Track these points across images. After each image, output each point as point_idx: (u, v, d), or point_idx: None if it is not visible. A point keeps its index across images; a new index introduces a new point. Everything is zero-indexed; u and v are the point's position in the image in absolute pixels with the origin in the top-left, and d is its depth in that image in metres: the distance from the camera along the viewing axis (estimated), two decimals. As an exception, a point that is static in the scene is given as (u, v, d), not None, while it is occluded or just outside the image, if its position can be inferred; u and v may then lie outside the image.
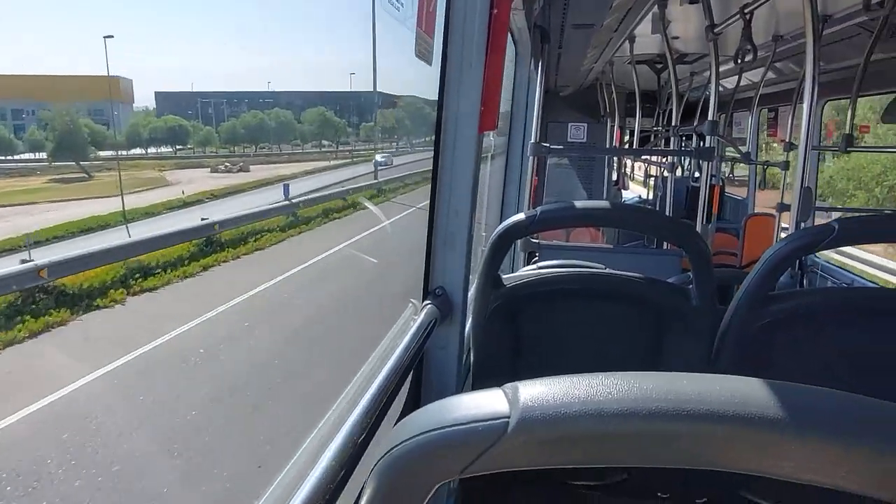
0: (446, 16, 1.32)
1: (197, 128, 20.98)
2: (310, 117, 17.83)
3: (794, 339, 1.26)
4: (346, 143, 17.58)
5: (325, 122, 17.14)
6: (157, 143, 21.53)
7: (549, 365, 1.39)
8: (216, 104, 21.37)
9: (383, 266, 12.16)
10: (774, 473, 0.34)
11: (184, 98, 22.27)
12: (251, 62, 25.97)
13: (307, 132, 18.06)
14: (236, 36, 19.10)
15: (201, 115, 21.34)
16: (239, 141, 20.91)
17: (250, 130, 20.33)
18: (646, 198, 6.97)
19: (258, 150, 21.29)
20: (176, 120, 20.42)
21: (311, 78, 24.49)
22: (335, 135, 17.11)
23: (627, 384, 0.37)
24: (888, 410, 0.35)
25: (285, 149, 20.21)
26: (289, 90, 19.04)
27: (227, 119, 20.91)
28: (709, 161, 2.86)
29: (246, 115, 20.63)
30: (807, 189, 2.28)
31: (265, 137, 21.02)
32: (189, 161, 20.90)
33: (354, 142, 17.99)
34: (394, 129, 16.92)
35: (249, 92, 21.41)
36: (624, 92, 5.77)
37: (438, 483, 0.39)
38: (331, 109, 17.05)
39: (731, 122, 5.58)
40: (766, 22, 3.03)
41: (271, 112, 20.37)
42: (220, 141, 21.01)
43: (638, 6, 2.64)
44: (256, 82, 19.82)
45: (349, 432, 0.86)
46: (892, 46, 2.64)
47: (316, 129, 17.94)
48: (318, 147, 18.26)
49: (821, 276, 3.67)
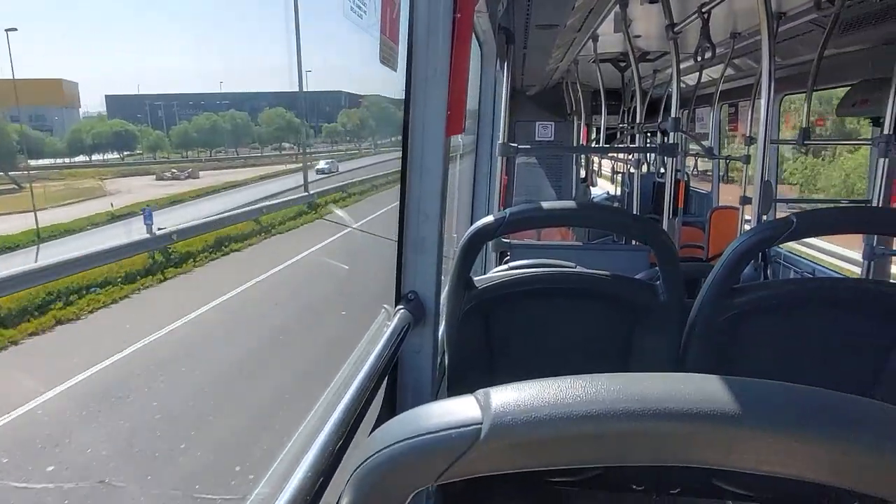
0: (410, 22, 1.35)
1: (146, 132, 20.19)
2: (268, 119, 16.93)
3: (758, 330, 1.33)
4: (308, 145, 16.54)
5: (285, 124, 16.24)
6: (103, 150, 20.59)
7: (523, 364, 1.44)
8: (166, 107, 20.62)
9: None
10: (739, 466, 0.36)
11: (137, 101, 21.32)
12: (205, 63, 24.64)
13: (266, 134, 17.08)
14: (190, 36, 18.28)
15: (151, 119, 20.60)
16: (192, 145, 20.19)
17: (203, 134, 19.55)
18: (614, 194, 7.18)
19: (213, 155, 20.22)
20: (122, 124, 19.55)
21: (267, 78, 23.77)
22: (296, 137, 16.17)
23: (595, 386, 0.38)
24: (838, 400, 0.37)
25: (242, 152, 19.24)
26: (246, 91, 17.94)
27: (178, 122, 20.18)
28: (673, 156, 2.98)
29: (199, 117, 19.87)
30: (766, 182, 2.40)
31: (220, 141, 20.02)
32: (134, 168, 19.83)
33: (317, 143, 16.93)
34: (358, 130, 16.20)
35: (205, 94, 20.00)
36: (589, 90, 5.94)
37: (415, 490, 0.41)
38: (291, 110, 16.17)
39: (694, 118, 5.83)
40: (724, 20, 3.19)
41: (226, 114, 19.24)
42: (172, 146, 20.28)
43: (600, 6, 2.74)
44: (210, 83, 18.97)
45: (325, 442, 0.87)
46: (844, 42, 2.82)
47: (274, 131, 17.05)
48: (278, 150, 17.15)
49: (783, 267, 3.87)
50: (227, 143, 18.66)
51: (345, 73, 24.28)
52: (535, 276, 1.46)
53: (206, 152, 19.43)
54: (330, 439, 0.88)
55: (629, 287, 1.41)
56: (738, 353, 1.35)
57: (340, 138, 15.94)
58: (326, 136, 15.98)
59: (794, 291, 1.38)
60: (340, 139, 15.98)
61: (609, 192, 7.77)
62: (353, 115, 15.44)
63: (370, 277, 9.34)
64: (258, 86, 18.50)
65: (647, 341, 1.40)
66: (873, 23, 2.54)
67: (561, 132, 6.66)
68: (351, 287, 10.75)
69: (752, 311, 1.32)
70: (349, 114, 15.55)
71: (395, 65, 1.37)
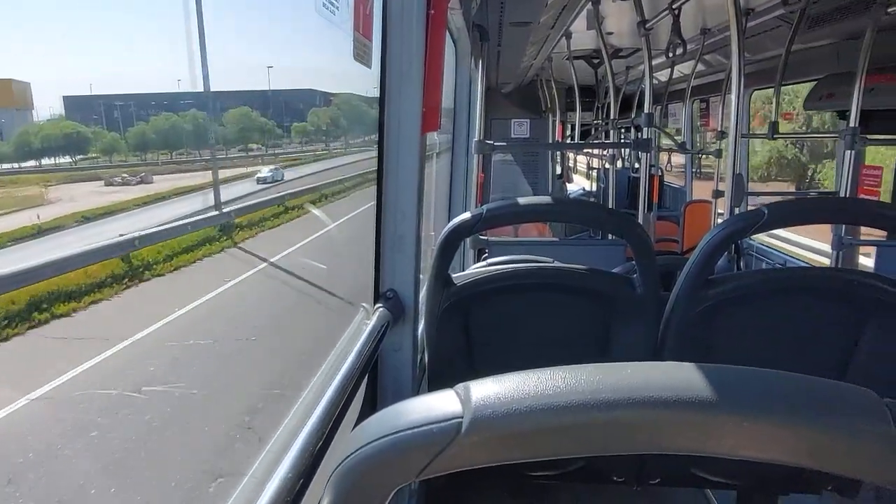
0: (383, 18, 1.37)
1: (100, 134, 19.43)
2: (233, 118, 16.36)
3: (733, 320, 1.39)
4: (277, 145, 16.01)
5: (251, 124, 15.69)
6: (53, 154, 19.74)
7: (502, 359, 1.48)
8: (123, 107, 19.89)
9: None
10: (717, 452, 0.37)
11: (91, 102, 20.46)
12: (165, 62, 23.17)
13: (231, 135, 16.48)
14: (149, 33, 17.50)
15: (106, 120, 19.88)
16: (150, 147, 19.48)
17: (162, 135, 18.80)
18: (589, 189, 7.34)
19: (174, 157, 19.35)
20: (73, 126, 18.80)
21: (238, 77, 22.43)
22: (263, 137, 15.64)
23: (575, 377, 0.39)
24: (813, 385, 0.38)
25: (206, 154, 18.50)
26: (210, 91, 17.26)
27: (135, 123, 19.47)
28: (647, 152, 3.08)
29: (157, 117, 19.12)
30: (738, 176, 2.49)
31: (180, 142, 19.12)
32: (84, 173, 18.82)
33: (287, 144, 16.43)
34: (329, 129, 15.77)
35: (165, 93, 19.26)
36: (563, 87, 6.08)
37: (396, 487, 0.41)
38: (256, 110, 15.66)
39: (667, 114, 6.01)
40: (694, 16, 3.31)
41: (187, 114, 18.30)
42: (129, 148, 19.55)
43: (573, 3, 2.80)
44: (169, 82, 18.16)
45: (306, 441, 0.89)
46: (810, 37, 2.96)
47: (239, 131, 16.36)
48: (244, 151, 16.59)
49: (756, 258, 4.04)
50: (189, 145, 17.79)
51: (316, 71, 23.43)
52: (513, 271, 1.49)
53: (167, 154, 18.66)
54: (310, 439, 0.90)
55: (606, 281, 1.45)
56: (714, 343, 1.41)
57: (310, 138, 15.04)
58: (296, 135, 15.15)
59: (766, 282, 1.43)
60: (311, 139, 15.06)
61: (585, 188, 7.93)
62: (324, 113, 14.56)
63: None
64: (223, 84, 16.59)
65: (625, 334, 1.44)
66: (838, 18, 2.67)
67: (536, 129, 6.80)
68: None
69: (727, 302, 1.37)
70: (319, 113, 14.66)
71: (369, 62, 1.39)
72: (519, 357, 1.48)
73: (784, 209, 1.47)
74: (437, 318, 1.45)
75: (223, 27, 16.81)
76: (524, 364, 0.44)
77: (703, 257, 1.35)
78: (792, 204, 2.03)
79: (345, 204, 13.34)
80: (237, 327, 8.26)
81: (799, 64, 3.15)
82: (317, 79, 20.37)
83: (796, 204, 2.01)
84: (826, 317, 1.39)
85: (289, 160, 16.05)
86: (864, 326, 1.36)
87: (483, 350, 1.50)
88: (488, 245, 2.68)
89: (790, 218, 1.53)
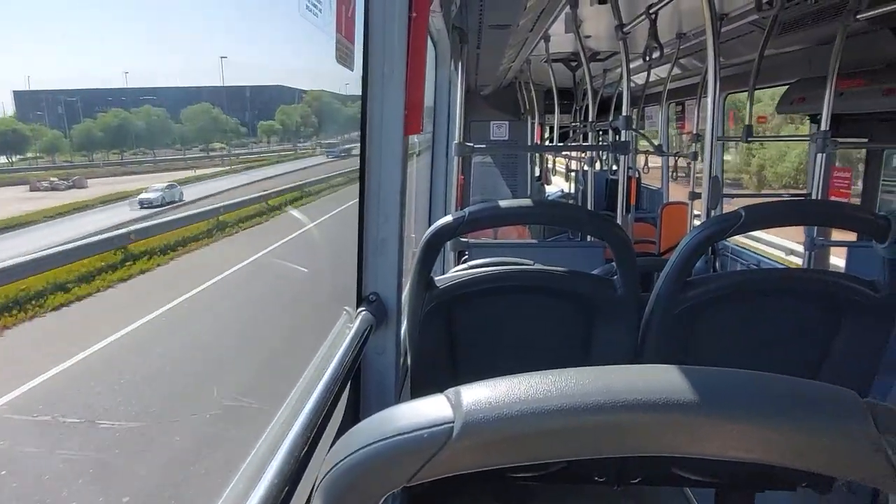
0: (365, 20, 1.43)
1: (39, 132, 18.45)
2: (192, 116, 15.48)
3: (711, 321, 1.47)
4: (242, 145, 15.29)
5: (213, 122, 14.91)
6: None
7: (485, 361, 1.55)
8: (67, 103, 18.96)
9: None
10: (706, 454, 0.39)
11: (46, 97, 19.27)
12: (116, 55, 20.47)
13: (189, 133, 15.59)
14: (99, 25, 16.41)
15: (49, 117, 19.06)
16: (97, 146, 18.51)
17: (110, 133, 17.69)
18: (568, 191, 7.52)
19: (124, 157, 18.01)
20: (11, 123, 17.87)
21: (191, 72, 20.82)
22: (226, 136, 14.95)
23: (566, 381, 0.40)
24: (797, 386, 0.40)
25: (163, 154, 17.31)
26: (166, 86, 16.40)
27: (81, 120, 18.52)
28: (625, 154, 3.19)
29: (105, 114, 18.00)
30: (714, 178, 2.60)
31: (129, 141, 17.67)
32: (13, 176, 17.44)
33: (253, 143, 15.70)
34: (298, 129, 15.26)
35: (115, 89, 18.21)
36: (542, 90, 6.24)
37: (387, 493, 0.42)
38: (217, 106, 14.87)
39: (644, 117, 6.24)
40: (670, 21, 3.46)
41: (140, 110, 17.01)
42: (73, 147, 18.57)
43: (551, 7, 2.91)
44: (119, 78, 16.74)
45: (290, 448, 0.91)
46: (783, 42, 3.13)
47: (198, 129, 15.39)
48: (205, 151, 15.71)
49: (731, 260, 4.23)
50: (142, 144, 16.43)
51: (288, 67, 22.75)
52: (495, 274, 1.54)
53: (118, 154, 17.51)
54: (296, 444, 0.92)
55: (587, 282, 1.50)
56: (692, 344, 1.48)
57: (279, 137, 14.39)
58: (263, 134, 14.43)
59: (743, 283, 1.51)
60: (279, 138, 14.40)
61: (563, 190, 8.10)
62: (294, 111, 13.95)
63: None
64: (180, 80, 15.53)
65: (606, 334, 1.50)
66: (810, 24, 2.79)
67: (515, 131, 6.96)
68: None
69: (705, 303, 1.45)
70: (288, 110, 14.05)
71: (351, 64, 1.44)
72: (501, 359, 1.53)
73: (761, 211, 1.56)
74: (420, 321, 1.49)
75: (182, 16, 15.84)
76: (507, 366, 0.46)
77: (683, 259, 1.42)
78: (769, 206, 2.15)
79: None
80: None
81: (772, 68, 3.31)
82: (287, 75, 19.75)
83: (773, 206, 2.13)
84: (801, 317, 1.48)
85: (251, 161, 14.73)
86: (837, 326, 1.45)
87: (465, 352, 1.54)
88: (469, 247, 2.75)
89: (767, 220, 1.60)
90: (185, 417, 6.44)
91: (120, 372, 7.06)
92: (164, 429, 6.17)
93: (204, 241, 11.09)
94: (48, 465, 5.28)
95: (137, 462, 5.53)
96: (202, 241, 11.18)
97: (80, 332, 7.57)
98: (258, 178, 13.05)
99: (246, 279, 9.93)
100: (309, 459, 0.95)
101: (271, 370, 6.85)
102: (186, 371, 7.45)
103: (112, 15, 14.81)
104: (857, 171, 3.45)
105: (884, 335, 1.43)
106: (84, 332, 7.57)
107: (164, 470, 5.40)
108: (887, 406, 0.39)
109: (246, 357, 7.67)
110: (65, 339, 7.30)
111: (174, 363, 7.61)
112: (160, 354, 7.71)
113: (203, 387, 6.95)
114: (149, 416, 6.41)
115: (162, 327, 8.52)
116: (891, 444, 0.37)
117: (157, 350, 7.85)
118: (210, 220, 11.67)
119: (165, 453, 5.68)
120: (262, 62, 21.79)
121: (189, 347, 8.15)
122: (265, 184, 12.94)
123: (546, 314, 1.53)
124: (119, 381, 6.91)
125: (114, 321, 8.27)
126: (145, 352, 7.69)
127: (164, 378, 7.16)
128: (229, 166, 14.04)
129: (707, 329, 1.48)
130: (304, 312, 7.77)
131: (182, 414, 6.55)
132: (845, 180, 3.28)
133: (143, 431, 6.12)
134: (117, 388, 6.79)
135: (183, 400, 6.81)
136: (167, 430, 6.07)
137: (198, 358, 7.92)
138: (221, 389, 6.83)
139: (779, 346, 1.51)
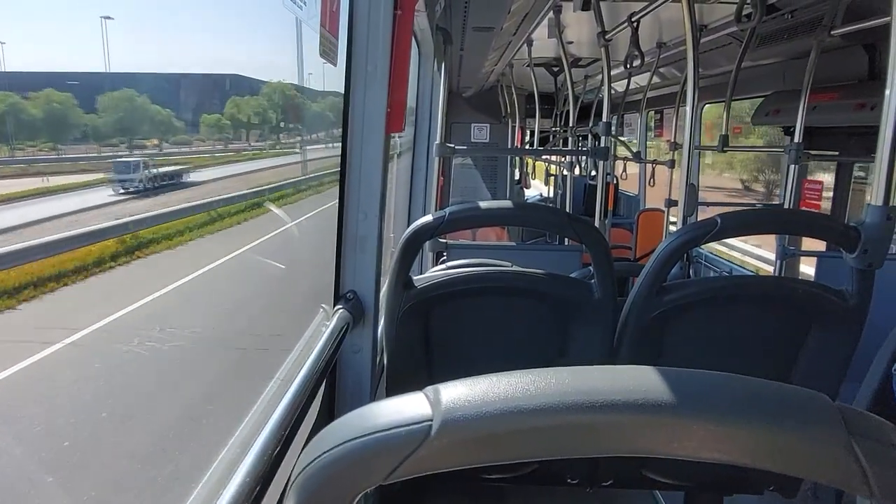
0: (350, 15, 1.40)
1: None
2: (108, 104, 12.12)
3: (684, 326, 1.48)
4: (185, 142, 12.90)
5: (136, 113, 11.74)
6: None
7: (460, 362, 1.54)
8: None
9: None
10: (682, 455, 0.39)
11: None
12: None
13: (104, 126, 11.93)
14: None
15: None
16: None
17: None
18: (547, 196, 7.57)
19: (11, 153, 13.23)
20: None
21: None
22: (158, 131, 12.15)
23: (545, 380, 0.40)
24: (775, 390, 0.41)
25: (70, 151, 12.32)
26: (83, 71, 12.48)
27: None
28: (604, 160, 3.22)
29: None
30: (691, 186, 2.64)
31: (22, 133, 13.38)
32: None
33: (198, 141, 13.25)
34: (251, 124, 13.15)
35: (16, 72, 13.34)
36: (524, 93, 6.26)
37: (363, 491, 0.41)
38: (145, 94, 11.81)
39: (623, 124, 6.30)
40: (651, 30, 3.50)
41: (39, 94, 12.72)
42: None
43: (535, 11, 2.92)
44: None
45: (263, 446, 0.89)
46: (760, 55, 3.19)
47: (116, 122, 12.00)
48: (129, 148, 12.42)
49: (704, 266, 4.29)
50: (42, 137, 12.56)
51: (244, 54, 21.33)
52: (473, 274, 1.53)
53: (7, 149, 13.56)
54: (269, 443, 0.90)
55: (565, 285, 1.50)
56: (666, 347, 1.49)
57: (228, 134, 12.58)
58: (207, 130, 12.64)
59: (717, 289, 1.52)
60: (229, 135, 12.54)
61: (542, 194, 8.15)
62: (247, 104, 12.50)
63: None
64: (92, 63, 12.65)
65: (582, 337, 1.50)
66: (786, 38, 2.86)
67: (496, 134, 6.98)
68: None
69: (680, 308, 1.46)
70: (239, 102, 12.57)
71: (335, 59, 1.41)
72: (478, 359, 1.52)
73: (736, 219, 1.58)
74: (398, 320, 1.47)
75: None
76: (483, 367, 0.45)
77: (659, 264, 1.43)
78: (744, 214, 2.18)
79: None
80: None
81: (748, 80, 3.38)
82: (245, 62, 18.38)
83: (748, 214, 2.17)
84: (772, 324, 1.50)
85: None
86: (807, 334, 1.47)
87: (442, 352, 1.53)
88: (447, 248, 2.73)
89: (742, 228, 1.62)
90: (152, 418, 6.09)
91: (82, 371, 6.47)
92: (129, 429, 5.84)
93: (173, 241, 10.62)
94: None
95: (104, 462, 5.23)
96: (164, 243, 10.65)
97: (45, 329, 6.88)
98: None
99: (215, 279, 9.67)
100: (282, 458, 0.93)
101: (245, 368, 6.69)
102: (154, 371, 6.87)
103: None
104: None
105: (852, 343, 1.45)
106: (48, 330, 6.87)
107: (131, 470, 5.19)
108: (857, 410, 0.39)
109: (218, 356, 7.53)
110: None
111: (137, 364, 6.93)
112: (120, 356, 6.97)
113: (175, 386, 6.69)
114: (114, 419, 5.96)
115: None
116: (861, 446, 0.37)
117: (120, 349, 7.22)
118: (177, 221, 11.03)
119: (130, 455, 5.44)
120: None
121: (156, 348, 7.75)
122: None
123: (523, 316, 1.53)
124: (78, 382, 6.25)
125: (76, 321, 7.90)
126: (102, 354, 7.00)
127: (122, 382, 6.51)
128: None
129: (681, 333, 1.49)
130: (279, 312, 7.64)
131: (148, 415, 6.18)
132: (816, 192, 3.35)
133: (106, 433, 5.66)
134: (81, 388, 6.28)
135: (149, 400, 6.38)
136: (131, 431, 5.77)
137: (163, 357, 7.57)
138: (193, 389, 6.58)
139: (750, 351, 1.52)
